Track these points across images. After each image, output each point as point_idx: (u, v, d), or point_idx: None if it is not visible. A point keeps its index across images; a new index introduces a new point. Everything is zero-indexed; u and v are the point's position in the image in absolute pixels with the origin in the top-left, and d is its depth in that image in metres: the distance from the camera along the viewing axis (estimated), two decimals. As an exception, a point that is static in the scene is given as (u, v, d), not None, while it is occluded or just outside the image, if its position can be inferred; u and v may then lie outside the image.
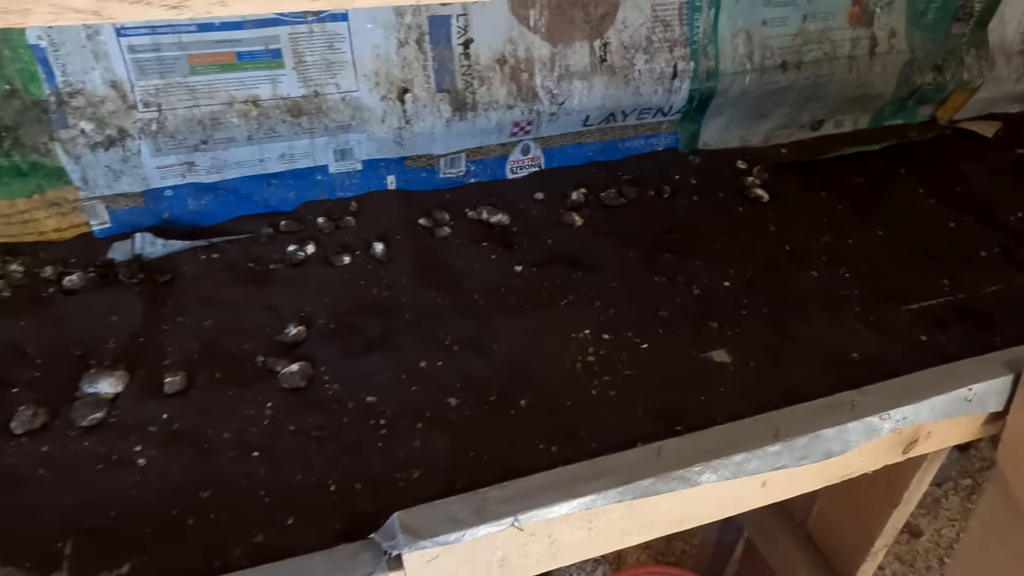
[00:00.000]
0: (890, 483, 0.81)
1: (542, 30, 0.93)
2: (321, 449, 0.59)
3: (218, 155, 0.85)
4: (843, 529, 0.93)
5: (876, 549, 0.87)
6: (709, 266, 0.86)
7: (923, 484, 0.79)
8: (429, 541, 0.46)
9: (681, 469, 0.51)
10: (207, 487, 0.56)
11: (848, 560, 0.91)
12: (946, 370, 0.62)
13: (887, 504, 0.82)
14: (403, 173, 0.96)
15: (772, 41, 1.04)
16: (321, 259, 0.84)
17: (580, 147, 1.04)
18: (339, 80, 0.86)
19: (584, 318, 0.76)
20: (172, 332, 0.72)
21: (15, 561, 0.50)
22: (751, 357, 0.71)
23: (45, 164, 0.79)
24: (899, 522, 0.84)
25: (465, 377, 0.68)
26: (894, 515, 0.82)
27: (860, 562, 0.88)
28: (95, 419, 0.61)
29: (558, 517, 0.49)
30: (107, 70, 0.77)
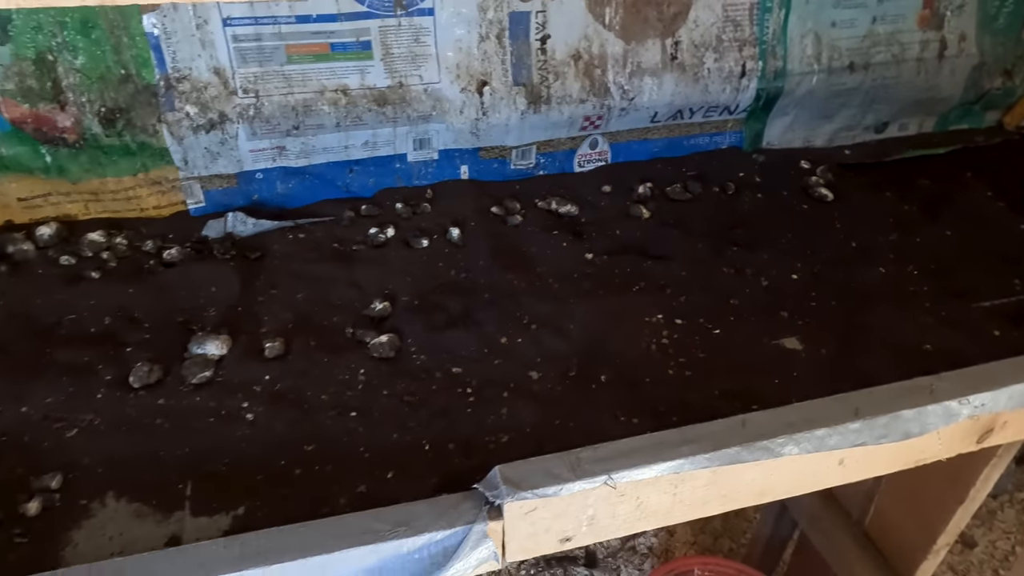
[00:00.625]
0: (957, 478, 0.81)
1: (616, 27, 0.96)
2: (414, 412, 0.63)
3: (307, 141, 0.90)
4: (903, 527, 0.93)
5: (938, 547, 0.88)
6: (776, 260, 0.88)
7: (990, 481, 0.80)
8: (529, 493, 0.49)
9: (765, 440, 0.53)
10: (311, 441, 0.60)
11: (908, 558, 0.91)
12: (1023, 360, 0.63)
13: (952, 501, 0.82)
14: (476, 163, 1.00)
15: (840, 42, 1.06)
16: (400, 242, 0.88)
17: (646, 143, 1.07)
18: (423, 72, 0.90)
19: (656, 304, 0.78)
20: (267, 303, 0.77)
21: (143, 499, 0.55)
22: (822, 345, 0.73)
23: (151, 144, 0.84)
24: (963, 520, 0.84)
25: (544, 353, 0.71)
26: (959, 512, 0.82)
27: (921, 560, 0.89)
28: (204, 377, 0.66)
29: (647, 479, 0.52)
30: (212, 57, 0.83)
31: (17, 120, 0.79)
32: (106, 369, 0.66)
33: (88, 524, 0.53)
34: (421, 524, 0.48)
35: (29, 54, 0.77)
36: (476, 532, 0.49)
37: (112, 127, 0.82)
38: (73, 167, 0.83)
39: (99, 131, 0.81)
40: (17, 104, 0.78)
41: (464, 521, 0.49)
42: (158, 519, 0.53)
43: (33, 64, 0.77)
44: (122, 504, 0.54)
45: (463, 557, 0.49)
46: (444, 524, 0.49)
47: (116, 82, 0.80)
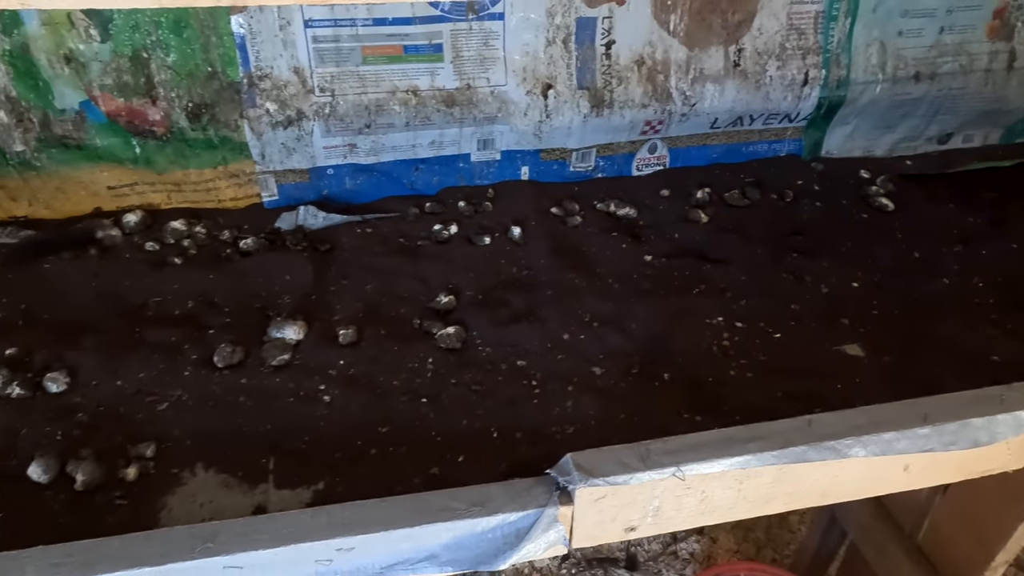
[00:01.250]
0: (1020, 494, 0.80)
1: (681, 34, 0.97)
2: (482, 401, 0.65)
3: (378, 139, 0.93)
4: (958, 543, 0.92)
5: (996, 565, 0.86)
6: (835, 268, 0.88)
7: (1054, 498, 0.78)
8: (600, 480, 0.51)
9: (833, 440, 0.54)
10: (384, 424, 0.63)
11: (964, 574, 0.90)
12: (1099, 374, 0.62)
13: (1013, 518, 0.81)
14: (536, 164, 1.02)
15: (907, 52, 1.05)
16: (463, 239, 0.91)
17: (705, 148, 1.07)
18: (490, 75, 0.93)
19: (716, 307, 0.79)
20: (338, 293, 0.80)
21: (229, 471, 0.58)
22: (885, 353, 0.73)
23: (232, 139, 0.88)
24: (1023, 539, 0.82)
25: (607, 350, 0.72)
26: (1020, 530, 0.81)
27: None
28: (283, 360, 0.69)
29: (713, 473, 0.53)
30: (292, 57, 0.86)
31: (112, 113, 0.84)
32: (191, 349, 0.70)
33: (180, 491, 0.56)
34: (495, 505, 0.50)
35: (126, 51, 0.82)
36: (547, 515, 0.51)
37: (198, 121, 0.86)
38: (159, 158, 0.88)
39: (185, 125, 0.86)
40: (114, 98, 0.83)
41: (536, 504, 0.51)
42: (244, 490, 0.56)
43: (129, 61, 0.82)
44: (211, 474, 0.58)
45: (534, 539, 0.51)
46: (517, 506, 0.51)
47: (203, 79, 0.85)
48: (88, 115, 0.83)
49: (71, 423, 0.61)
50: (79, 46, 0.80)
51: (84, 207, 0.89)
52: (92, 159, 0.86)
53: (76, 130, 0.84)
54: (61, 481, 0.56)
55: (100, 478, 0.56)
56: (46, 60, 0.80)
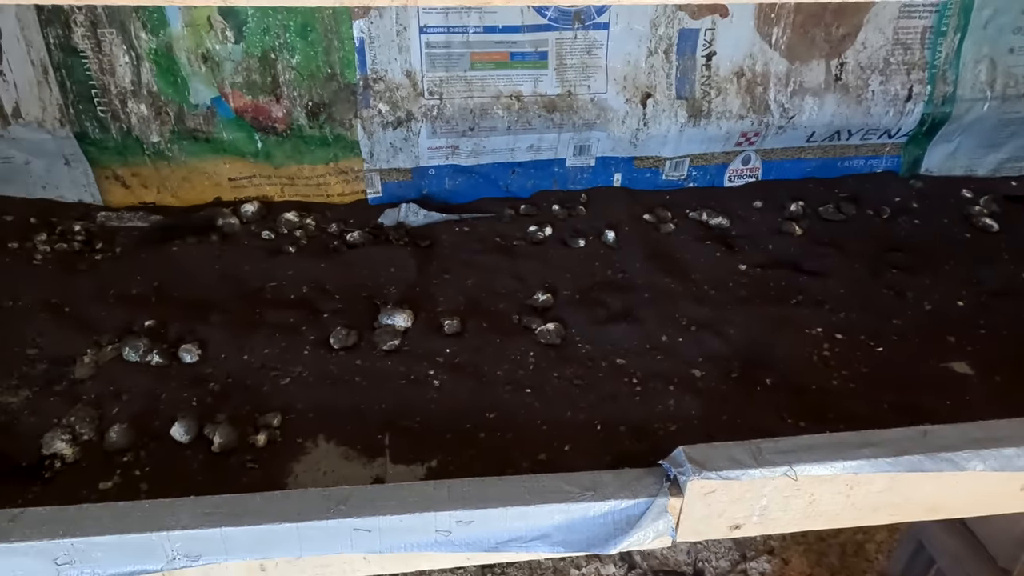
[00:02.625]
0: None
1: (782, 47, 0.97)
2: (584, 395, 0.67)
3: (479, 142, 0.97)
4: (1060, 579, 0.88)
5: (1102, 604, 0.82)
6: (938, 285, 0.86)
7: None
8: (713, 473, 0.52)
9: (950, 452, 0.53)
10: (492, 410, 0.65)
11: (1064, 612, 0.86)
12: None
13: (1126, 553, 0.78)
14: (629, 172, 1.04)
15: (1018, 69, 1.02)
16: (558, 241, 0.93)
17: (799, 162, 1.07)
18: (591, 82, 0.96)
19: (815, 318, 0.79)
20: (441, 286, 0.83)
21: (349, 444, 0.62)
22: (996, 372, 0.71)
23: (345, 137, 0.94)
24: None
25: (706, 353, 0.73)
26: None
27: (1081, 615, 0.83)
28: (393, 345, 0.73)
29: (824, 476, 0.53)
30: (406, 61, 0.91)
31: (240, 109, 0.90)
32: (309, 331, 0.74)
33: (305, 459, 0.60)
34: (607, 491, 0.52)
35: (257, 52, 0.88)
36: (658, 505, 0.52)
37: (315, 120, 0.92)
38: (278, 153, 0.94)
39: (304, 123, 0.92)
40: (242, 95, 0.89)
41: (647, 494, 0.52)
42: (363, 462, 0.60)
43: (259, 61, 0.88)
44: (332, 446, 0.61)
45: (644, 527, 0.52)
46: (628, 494, 0.52)
47: (323, 80, 0.90)
48: (218, 110, 0.90)
49: (205, 391, 0.66)
50: (215, 46, 0.86)
51: (206, 196, 0.96)
52: (218, 152, 0.92)
53: (206, 124, 0.90)
54: (200, 442, 0.60)
55: (234, 442, 0.60)
56: (186, 58, 0.86)
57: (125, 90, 0.87)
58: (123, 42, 0.85)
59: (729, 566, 1.42)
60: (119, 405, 0.63)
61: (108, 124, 0.88)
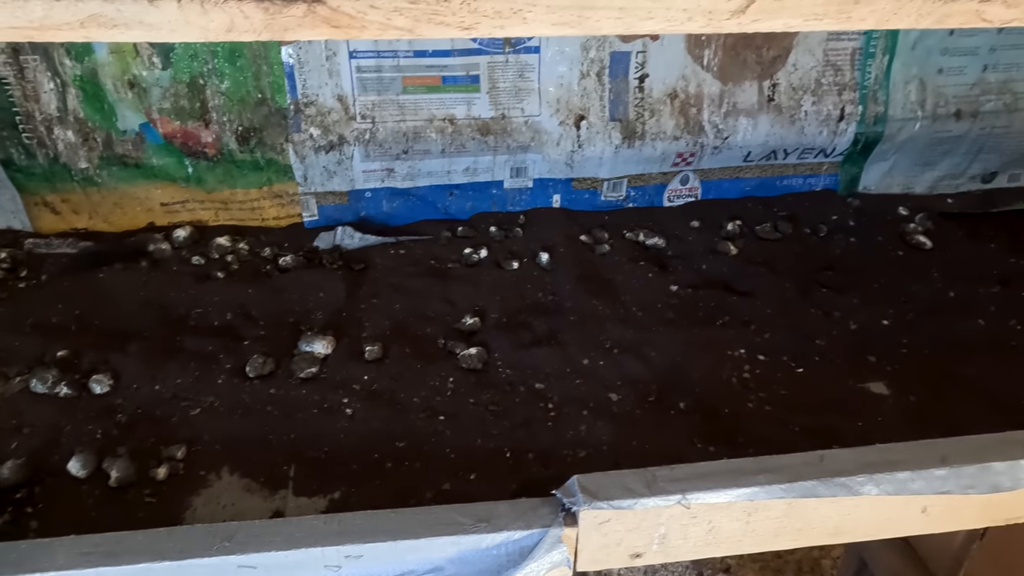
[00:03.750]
0: (1056, 548, 0.77)
1: (714, 69, 0.98)
2: (498, 421, 0.67)
3: (414, 164, 0.97)
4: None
5: (1033, 621, 0.82)
6: (866, 304, 0.86)
7: (1095, 554, 0.75)
8: (604, 503, 0.51)
9: (844, 477, 0.53)
10: (402, 439, 0.65)
11: (999, 629, 0.86)
12: None
13: (1051, 571, 0.78)
14: (568, 193, 1.04)
15: (947, 89, 1.04)
16: (493, 263, 0.93)
17: (738, 181, 1.08)
18: (524, 105, 0.96)
19: (739, 339, 0.79)
20: (368, 311, 0.83)
21: (253, 476, 0.61)
22: (911, 393, 0.72)
23: (277, 161, 0.93)
24: (1063, 593, 0.79)
25: (625, 377, 0.73)
26: (1058, 584, 0.78)
27: (1013, 632, 0.83)
28: (311, 372, 0.72)
29: (720, 504, 0.53)
30: (337, 86, 0.91)
31: (168, 135, 0.90)
32: (226, 358, 0.74)
33: (205, 493, 0.59)
34: (501, 522, 0.52)
35: (185, 78, 0.87)
36: (551, 536, 0.52)
37: (246, 144, 0.91)
38: (209, 178, 0.93)
39: (235, 147, 0.91)
40: (170, 121, 0.89)
41: (541, 524, 0.52)
42: (265, 495, 0.59)
43: (187, 87, 0.88)
44: (235, 478, 0.60)
45: (537, 558, 0.52)
46: (522, 524, 0.52)
47: (253, 105, 0.90)
48: (147, 136, 0.89)
49: (111, 423, 0.65)
50: (142, 72, 0.86)
51: (139, 222, 0.95)
52: (148, 177, 0.92)
53: (135, 150, 0.90)
54: (97, 477, 0.59)
55: (132, 476, 0.59)
56: (112, 85, 0.86)
57: (51, 116, 0.87)
58: (47, 69, 0.84)
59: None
60: (19, 439, 0.62)
61: (34, 151, 0.88)
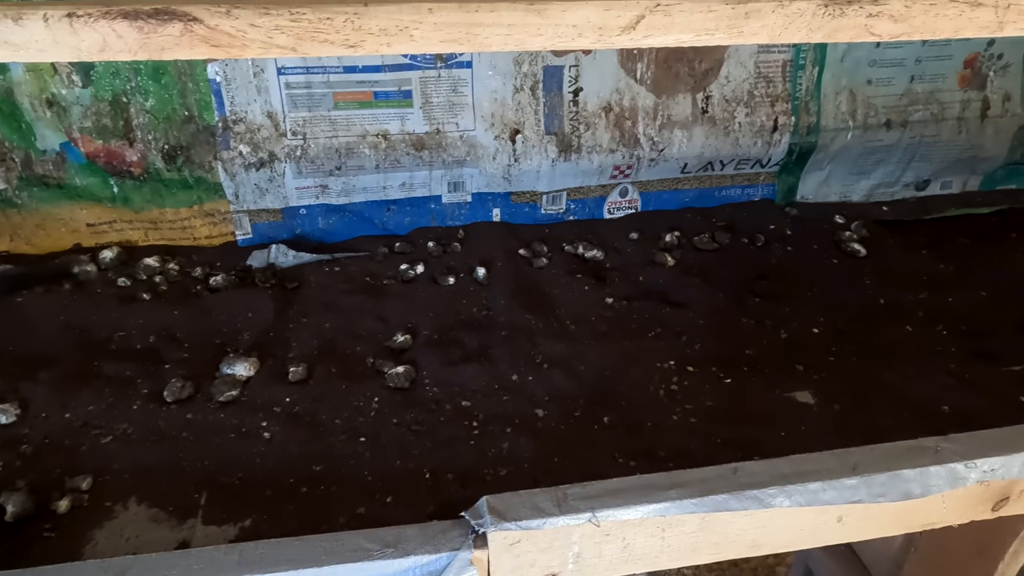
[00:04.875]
0: (984, 551, 0.77)
1: (648, 82, 0.99)
2: (419, 441, 0.66)
3: (348, 180, 0.96)
4: (932, 599, 0.89)
5: (967, 623, 0.83)
6: (799, 312, 0.87)
7: (1021, 557, 0.76)
8: (512, 524, 0.50)
9: (755, 489, 0.53)
10: (320, 462, 0.63)
11: (936, 632, 0.87)
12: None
13: (980, 572, 0.79)
14: (508, 207, 1.04)
15: (877, 100, 1.06)
16: (429, 278, 0.92)
17: (677, 193, 1.08)
18: (459, 120, 0.96)
19: (670, 350, 0.79)
20: (297, 330, 0.81)
21: (161, 505, 0.59)
22: (836, 401, 0.72)
23: (207, 179, 0.92)
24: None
25: (553, 392, 0.72)
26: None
27: (949, 635, 0.84)
28: (231, 396, 0.70)
29: (633, 520, 0.52)
30: (266, 103, 0.90)
31: (91, 154, 0.87)
32: (144, 383, 0.72)
33: (109, 525, 0.57)
34: (409, 547, 0.50)
35: (107, 96, 0.85)
36: (461, 559, 0.51)
37: (173, 163, 0.90)
38: (136, 197, 0.91)
39: (161, 166, 0.89)
40: (92, 140, 0.87)
41: (450, 547, 0.51)
42: (172, 525, 0.57)
43: (109, 105, 0.86)
44: (142, 508, 0.58)
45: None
46: (430, 549, 0.51)
47: (180, 122, 0.88)
48: (68, 156, 0.87)
49: (14, 454, 0.62)
50: (61, 91, 0.84)
51: (64, 243, 0.92)
52: (72, 197, 0.90)
53: (56, 170, 0.87)
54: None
55: (31, 509, 0.57)
56: (29, 104, 0.84)
57: (-34, 137, 0.84)
58: (-40, 88, 0.82)
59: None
60: (-87, 475, 0.60)
61: (-51, 172, 0.85)
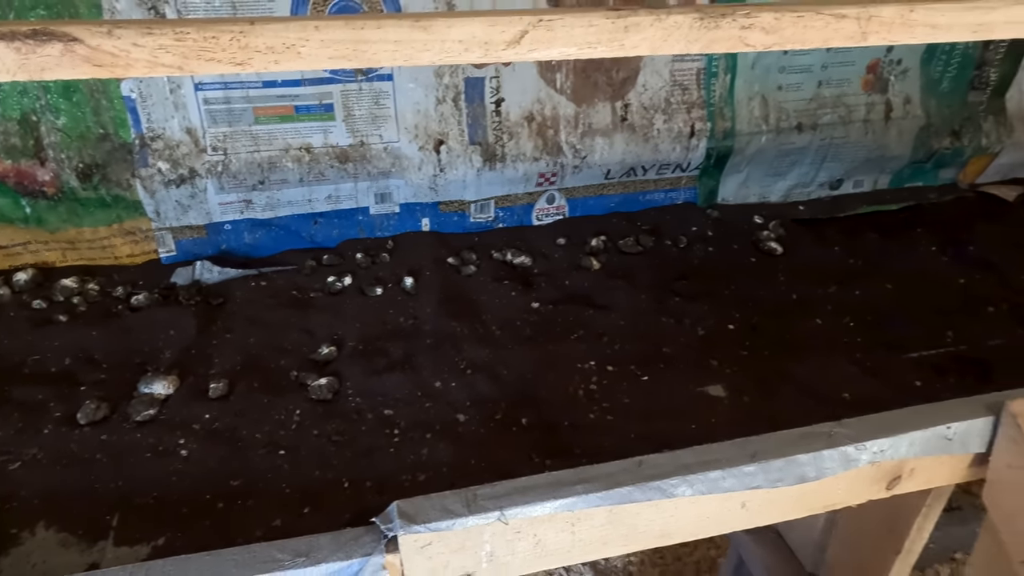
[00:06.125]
0: (893, 528, 0.82)
1: (568, 91, 1.02)
2: (339, 452, 0.66)
3: (272, 195, 0.96)
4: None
5: (882, 600, 0.87)
6: (716, 310, 0.91)
7: (924, 532, 0.80)
8: (422, 527, 0.51)
9: (658, 480, 0.55)
10: (237, 477, 0.63)
11: (856, 611, 0.91)
12: (927, 408, 0.65)
13: (890, 551, 0.83)
14: (436, 216, 1.05)
15: (788, 105, 1.11)
16: (356, 290, 0.93)
17: (603, 198, 1.11)
18: (382, 132, 0.97)
19: (591, 351, 0.82)
20: (220, 346, 0.81)
21: (70, 529, 0.58)
22: (745, 393, 0.75)
23: (125, 197, 0.90)
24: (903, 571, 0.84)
25: (475, 397, 0.74)
26: (897, 564, 0.83)
27: (867, 613, 0.88)
28: (148, 415, 0.70)
29: (542, 516, 0.54)
30: (184, 118, 0.89)
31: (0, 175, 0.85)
32: (57, 406, 0.70)
33: (15, 552, 0.56)
34: (321, 555, 0.51)
35: (14, 115, 0.84)
36: (373, 564, 0.51)
37: (88, 181, 0.88)
38: (51, 218, 0.89)
39: (76, 185, 0.88)
40: (0, 160, 0.85)
41: (362, 553, 0.51)
42: (82, 548, 0.56)
43: (18, 124, 0.84)
44: (51, 533, 0.57)
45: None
46: (343, 555, 0.51)
47: (94, 140, 0.87)
48: (-24, 177, 0.85)
49: (-84, 486, 0.61)
50: (-34, 111, 0.82)
51: (-25, 267, 0.90)
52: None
53: (-36, 192, 0.85)
54: None
55: (-69, 541, 0.55)
56: (-68, 125, 0.82)
57: None
58: None
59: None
60: None
61: None
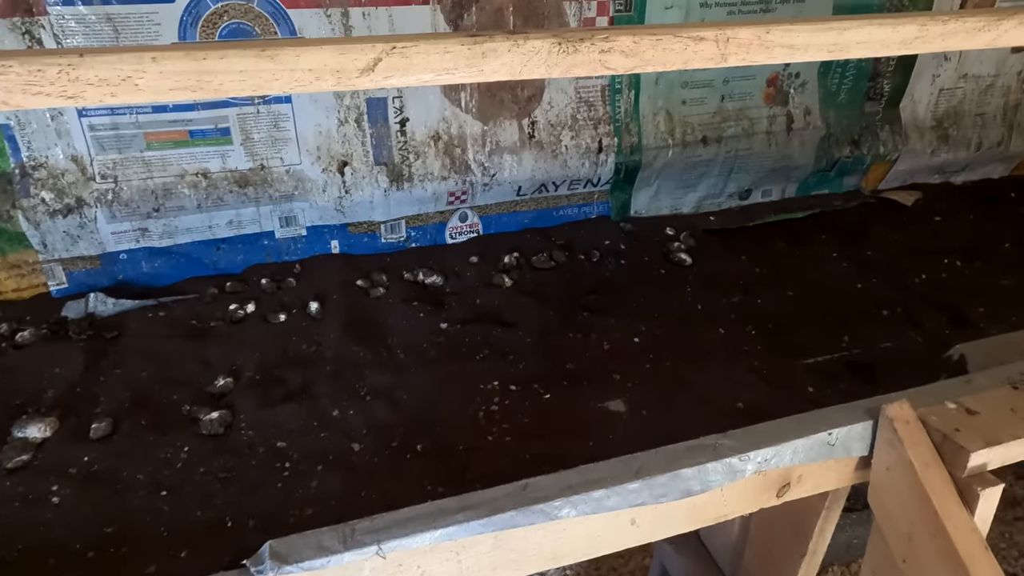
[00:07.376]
0: (799, 531, 0.83)
1: (473, 110, 1.02)
2: (224, 489, 0.64)
3: (170, 222, 0.93)
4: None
5: (794, 602, 0.89)
6: (623, 323, 0.91)
7: (826, 533, 0.82)
8: (295, 567, 0.50)
9: (542, 503, 0.55)
10: (112, 523, 0.60)
11: (771, 614, 0.92)
12: (809, 416, 0.66)
13: (796, 554, 0.84)
14: (346, 238, 1.03)
15: (692, 119, 1.13)
16: (259, 317, 0.90)
17: (516, 215, 1.12)
18: (283, 154, 0.95)
19: (495, 371, 0.81)
20: (108, 383, 0.78)
21: (-77, 589, 0.54)
22: (645, 406, 0.76)
23: (7, 230, 0.86)
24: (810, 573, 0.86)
25: (372, 424, 0.72)
26: (803, 566, 0.84)
27: (780, 616, 0.90)
28: (20, 461, 0.66)
29: (423, 548, 0.53)
30: (69, 146, 0.86)
31: None
32: (-80, 457, 0.66)
33: None
34: (188, 603, 0.49)
35: None
36: (244, 609, 0.50)
37: (-35, 214, 0.84)
38: (-75, 254, 0.85)
39: (-49, 218, 0.83)
40: None
41: (233, 598, 0.50)
42: (-67, 610, 0.53)
43: None
44: (-100, 596, 0.54)
45: (231, 635, 0.49)
46: (212, 602, 0.49)
47: (-30, 171, 0.83)
48: None
49: None
50: None
51: None
52: None
53: None
54: None
55: None
56: None
57: None
58: None
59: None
60: None
61: None
